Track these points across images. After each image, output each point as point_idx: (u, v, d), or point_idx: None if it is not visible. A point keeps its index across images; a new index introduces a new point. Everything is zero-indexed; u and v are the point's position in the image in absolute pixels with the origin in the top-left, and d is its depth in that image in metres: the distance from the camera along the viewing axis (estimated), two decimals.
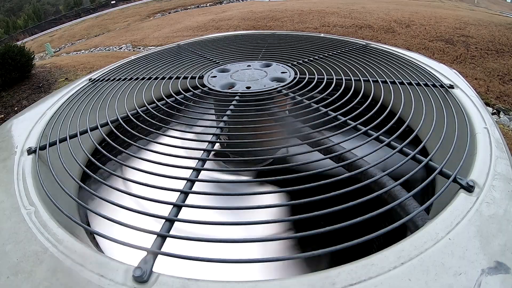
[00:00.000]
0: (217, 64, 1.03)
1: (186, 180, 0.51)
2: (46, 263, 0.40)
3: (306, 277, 0.36)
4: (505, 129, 3.48)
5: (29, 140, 0.70)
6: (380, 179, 0.53)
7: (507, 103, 4.01)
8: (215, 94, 0.81)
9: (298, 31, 2.11)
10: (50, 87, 5.25)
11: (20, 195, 0.53)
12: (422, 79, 0.83)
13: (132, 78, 0.96)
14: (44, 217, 0.48)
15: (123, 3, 25.20)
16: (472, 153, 0.56)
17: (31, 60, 5.68)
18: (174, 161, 0.55)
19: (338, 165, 0.55)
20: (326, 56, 1.05)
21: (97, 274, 0.38)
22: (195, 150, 0.58)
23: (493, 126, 0.64)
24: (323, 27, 7.32)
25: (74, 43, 13.20)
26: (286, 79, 0.85)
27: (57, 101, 0.87)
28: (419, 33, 6.36)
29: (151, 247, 0.40)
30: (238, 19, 9.27)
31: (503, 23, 6.76)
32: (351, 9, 8.73)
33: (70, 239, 0.44)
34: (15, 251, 0.43)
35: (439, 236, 0.40)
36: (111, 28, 14.53)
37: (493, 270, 0.37)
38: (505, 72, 4.70)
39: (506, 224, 0.43)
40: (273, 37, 1.36)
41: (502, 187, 0.49)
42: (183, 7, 16.43)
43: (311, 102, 0.73)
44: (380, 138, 0.60)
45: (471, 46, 5.58)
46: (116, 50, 9.23)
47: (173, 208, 0.46)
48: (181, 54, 1.20)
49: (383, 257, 0.38)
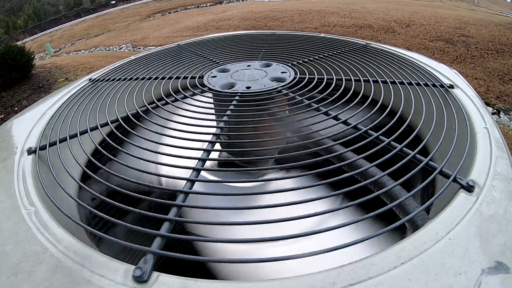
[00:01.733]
0: (217, 64, 1.03)
1: (186, 180, 0.51)
2: (46, 263, 0.40)
3: (306, 277, 0.35)
4: (505, 129, 3.49)
5: (29, 140, 0.70)
6: (380, 179, 0.53)
7: (507, 102, 4.01)
8: (215, 94, 0.81)
9: (298, 31, 2.11)
10: (50, 87, 5.26)
11: (20, 195, 0.53)
12: (422, 79, 0.83)
13: (132, 78, 0.96)
14: (44, 217, 0.48)
15: (123, 3, 25.21)
16: (472, 153, 0.56)
17: (31, 60, 5.69)
18: (173, 161, 0.55)
19: (338, 165, 0.55)
20: (326, 56, 1.05)
21: (97, 274, 0.38)
22: (195, 150, 0.58)
23: (493, 126, 0.64)
24: (323, 27, 7.33)
25: (74, 43, 13.21)
26: (286, 79, 0.85)
27: (57, 101, 0.87)
28: (419, 33, 6.37)
29: (151, 247, 0.40)
30: (238, 19, 9.28)
31: (503, 23, 6.77)
32: (351, 9, 8.73)
33: (70, 239, 0.44)
34: (15, 251, 0.43)
35: (439, 236, 0.40)
36: (111, 28, 14.54)
37: (493, 270, 0.37)
38: (505, 72, 4.71)
39: (506, 224, 0.43)
40: (273, 37, 1.36)
41: (502, 187, 0.49)
42: (183, 7, 16.44)
43: (311, 102, 0.73)
44: (380, 138, 0.60)
45: (471, 46, 5.59)
46: (116, 50, 9.24)
47: (174, 208, 0.46)
48: (181, 54, 1.20)
49: (383, 257, 0.38)
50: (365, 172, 0.55)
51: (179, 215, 0.46)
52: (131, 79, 0.96)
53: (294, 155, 0.57)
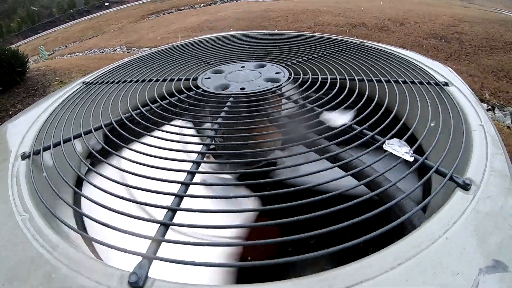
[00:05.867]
0: (211, 66, 1.03)
1: (181, 183, 0.51)
2: (42, 270, 0.40)
3: (303, 280, 0.35)
4: (500, 125, 3.50)
5: (23, 145, 0.69)
6: (376, 179, 0.53)
7: (502, 99, 4.03)
8: (209, 95, 0.81)
9: (292, 31, 2.11)
10: (45, 90, 5.24)
11: (14, 201, 0.52)
12: (417, 77, 0.83)
13: (126, 80, 0.96)
14: (39, 223, 0.48)
15: (117, 5, 25.12)
16: (468, 150, 0.56)
17: (25, 64, 5.66)
18: (168, 164, 0.54)
19: (334, 165, 0.55)
20: (320, 56, 1.05)
21: (92, 280, 0.37)
22: (190, 152, 0.58)
23: (488, 123, 0.64)
24: (317, 26, 7.32)
25: (68, 46, 13.16)
26: (280, 79, 0.85)
27: (51, 105, 0.87)
28: (413, 31, 6.38)
29: (146, 252, 0.39)
30: (232, 19, 9.26)
31: (496, 20, 6.80)
32: (345, 7, 8.73)
33: (65, 245, 0.43)
34: (10, 258, 0.43)
35: (436, 235, 0.40)
36: (105, 30, 14.48)
37: (491, 268, 0.36)
38: (499, 69, 4.72)
39: (502, 222, 0.43)
40: (267, 37, 1.36)
41: (499, 184, 0.49)
42: (177, 8, 16.38)
43: (305, 102, 0.73)
44: (375, 137, 0.60)
45: (465, 43, 5.60)
46: (110, 52, 9.20)
47: (168, 212, 0.46)
48: (175, 55, 1.19)
49: (380, 258, 0.37)
50: (361, 172, 0.55)
51: (173, 218, 0.46)
52: (125, 82, 0.95)
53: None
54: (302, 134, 0.64)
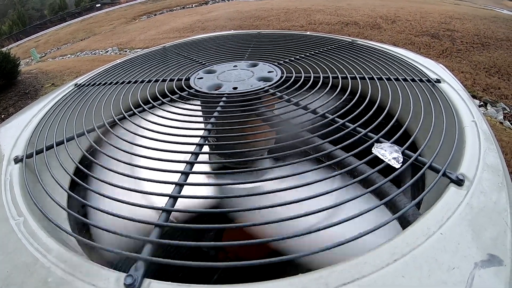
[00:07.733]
0: (204, 66, 1.02)
1: (175, 184, 0.51)
2: (37, 274, 0.40)
3: (298, 278, 0.35)
4: (492, 120, 3.53)
5: (16, 148, 0.69)
6: (369, 177, 0.53)
7: (494, 95, 4.06)
8: (202, 96, 0.81)
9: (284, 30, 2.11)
10: (37, 93, 5.21)
11: (8, 206, 0.52)
12: (409, 74, 0.84)
13: (118, 82, 0.96)
14: (34, 227, 0.47)
15: (108, 6, 25.05)
16: (461, 146, 0.56)
17: (16, 67, 5.63)
18: (162, 165, 0.54)
19: (328, 163, 0.55)
20: (312, 54, 1.05)
21: (88, 283, 0.37)
22: (183, 153, 0.57)
23: (480, 119, 0.64)
24: (309, 25, 7.34)
25: (60, 48, 13.10)
26: (273, 78, 0.85)
27: (43, 108, 0.86)
28: (405, 28, 6.42)
29: (141, 254, 0.39)
30: (224, 19, 9.27)
31: (487, 17, 6.85)
32: (336, 6, 8.77)
33: (60, 248, 0.43)
34: (5, 263, 0.42)
35: (430, 231, 0.40)
36: (97, 31, 14.43)
37: (486, 263, 0.37)
38: (491, 65, 4.76)
39: (496, 216, 0.43)
40: (259, 36, 1.36)
41: (492, 179, 0.49)
42: (169, 9, 16.37)
43: (298, 101, 0.73)
44: (368, 135, 0.60)
45: (456, 40, 5.64)
46: (102, 53, 9.17)
47: (163, 213, 0.46)
48: (167, 56, 1.19)
49: (376, 255, 0.38)
50: (355, 170, 0.55)
51: (168, 219, 0.46)
52: (117, 83, 0.95)
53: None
54: (294, 133, 0.64)
